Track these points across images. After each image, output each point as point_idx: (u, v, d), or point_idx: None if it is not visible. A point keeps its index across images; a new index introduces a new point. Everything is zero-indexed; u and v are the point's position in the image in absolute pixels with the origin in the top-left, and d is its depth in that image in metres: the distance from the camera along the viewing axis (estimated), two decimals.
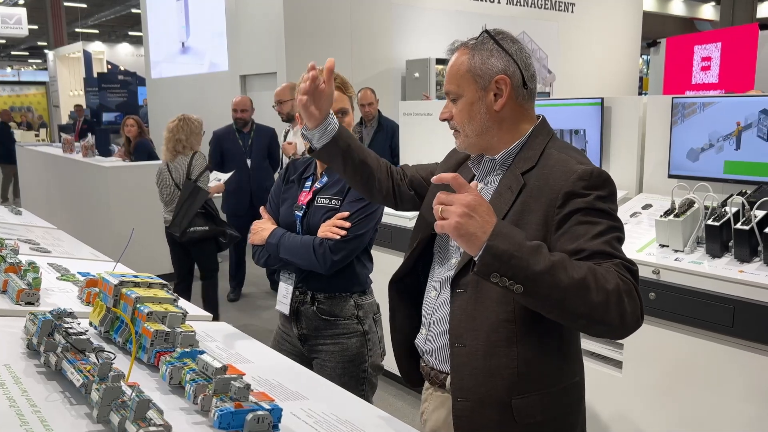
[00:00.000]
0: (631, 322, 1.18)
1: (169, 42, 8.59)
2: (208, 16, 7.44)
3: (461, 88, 1.39)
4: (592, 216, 1.25)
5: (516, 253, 1.11)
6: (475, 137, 1.41)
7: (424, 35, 6.86)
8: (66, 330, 1.18)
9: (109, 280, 1.39)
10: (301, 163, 2.17)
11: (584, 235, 1.23)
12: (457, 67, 1.39)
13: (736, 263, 2.24)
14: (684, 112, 2.79)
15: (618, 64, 8.85)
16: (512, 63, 1.37)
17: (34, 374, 1.14)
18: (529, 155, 1.38)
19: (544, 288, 1.13)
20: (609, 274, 1.16)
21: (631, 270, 1.22)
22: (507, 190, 1.36)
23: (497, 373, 1.34)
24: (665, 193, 2.88)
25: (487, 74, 1.36)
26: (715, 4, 18.55)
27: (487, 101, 1.37)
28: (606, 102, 3.12)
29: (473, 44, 1.39)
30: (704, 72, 8.31)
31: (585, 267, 1.16)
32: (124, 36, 25.08)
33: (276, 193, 2.17)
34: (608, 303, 1.14)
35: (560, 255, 1.17)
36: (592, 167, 1.30)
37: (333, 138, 1.51)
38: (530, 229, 1.29)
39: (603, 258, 1.21)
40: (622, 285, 1.16)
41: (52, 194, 7.22)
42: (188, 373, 1.13)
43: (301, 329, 2.06)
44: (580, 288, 1.12)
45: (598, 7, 8.58)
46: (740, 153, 2.63)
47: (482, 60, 1.36)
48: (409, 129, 4.27)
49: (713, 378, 2.26)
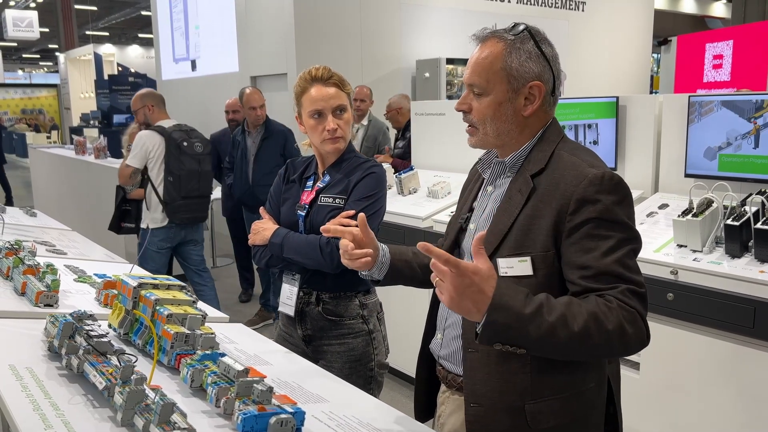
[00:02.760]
0: (635, 347, 1.21)
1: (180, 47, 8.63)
2: (218, 17, 7.46)
3: (491, 84, 1.33)
4: (603, 228, 1.23)
5: (514, 325, 1.13)
6: (495, 137, 1.37)
7: (434, 35, 6.84)
8: (87, 332, 1.18)
9: (128, 282, 1.39)
10: (301, 162, 2.16)
11: (594, 250, 1.22)
12: (490, 60, 1.32)
13: (757, 263, 2.21)
14: (701, 110, 2.76)
15: (629, 63, 8.79)
16: (548, 69, 1.33)
17: (56, 377, 1.14)
18: (539, 157, 1.35)
19: (547, 348, 1.17)
20: (611, 312, 1.16)
21: (637, 294, 1.20)
22: (517, 193, 1.34)
23: (510, 378, 1.32)
24: (682, 192, 2.85)
25: (522, 77, 1.31)
26: (727, 2, 18.40)
27: (517, 104, 1.33)
28: (621, 101, 3.09)
29: (511, 39, 1.33)
30: (716, 70, 8.24)
31: (586, 313, 1.15)
32: (134, 38, 25.23)
33: (276, 193, 2.16)
34: (610, 342, 1.16)
35: (560, 309, 1.15)
36: (603, 171, 1.26)
37: (390, 266, 1.52)
38: (540, 234, 1.27)
39: (609, 281, 1.20)
40: (624, 318, 1.16)
41: (64, 196, 7.26)
42: (209, 375, 1.13)
43: (305, 330, 2.05)
44: (583, 339, 1.15)
45: (609, 6, 8.53)
46: (759, 151, 2.60)
47: (520, 61, 1.31)
48: (421, 129, 4.26)
49: (732, 379, 2.23)
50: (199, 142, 4.11)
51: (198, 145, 4.08)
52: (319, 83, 1.98)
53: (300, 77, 2.02)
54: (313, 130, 2.00)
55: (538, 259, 1.28)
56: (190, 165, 4.02)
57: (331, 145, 2.00)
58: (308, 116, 1.99)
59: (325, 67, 2.02)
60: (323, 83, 1.98)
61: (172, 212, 3.98)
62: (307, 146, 2.16)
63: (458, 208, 1.56)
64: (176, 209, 3.98)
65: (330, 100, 1.97)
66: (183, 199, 3.99)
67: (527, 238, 1.29)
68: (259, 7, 6.61)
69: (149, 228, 4.00)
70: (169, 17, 8.93)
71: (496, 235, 1.34)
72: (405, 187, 3.61)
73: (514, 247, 1.31)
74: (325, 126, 1.96)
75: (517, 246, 1.30)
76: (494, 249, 1.34)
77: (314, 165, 2.12)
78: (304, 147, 2.18)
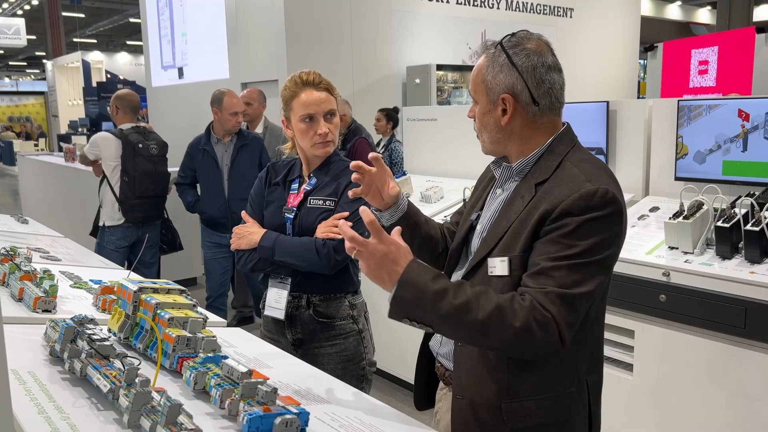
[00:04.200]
0: (546, 351, 1.24)
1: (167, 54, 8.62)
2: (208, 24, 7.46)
3: (477, 95, 1.40)
4: (572, 237, 1.23)
5: (419, 302, 1.20)
6: (490, 144, 1.43)
7: (424, 41, 6.88)
8: (89, 336, 1.18)
9: (128, 287, 1.39)
10: (283, 165, 2.16)
11: (550, 253, 1.24)
12: (475, 73, 1.40)
13: (747, 264, 2.25)
14: (690, 114, 2.81)
15: (617, 69, 8.89)
16: (520, 80, 1.33)
17: (58, 381, 1.14)
18: (546, 166, 1.36)
19: (449, 330, 1.25)
20: (521, 310, 1.19)
21: (565, 299, 1.20)
22: (519, 199, 1.36)
23: (489, 375, 1.35)
24: (672, 195, 2.89)
25: (495, 89, 1.35)
26: (712, 8, 18.64)
27: (495, 115, 1.37)
28: (611, 105, 3.13)
29: (491, 53, 1.37)
30: (702, 76, 8.33)
31: (493, 304, 1.19)
32: (122, 45, 25.14)
33: (257, 196, 2.15)
34: (516, 338, 1.19)
35: (468, 295, 1.20)
36: (598, 186, 1.25)
37: (401, 217, 1.55)
38: (523, 236, 1.30)
39: (544, 279, 1.22)
40: (534, 320, 1.18)
41: (54, 203, 7.21)
42: (213, 378, 1.13)
43: (296, 334, 2.05)
44: (485, 328, 1.19)
45: (597, 12, 8.63)
46: (747, 155, 2.64)
47: (493, 74, 1.35)
48: (413, 134, 4.29)
49: (725, 379, 2.26)
50: (155, 144, 4.31)
51: (153, 147, 4.28)
52: (309, 87, 1.99)
53: (289, 81, 2.03)
54: (303, 134, 2.01)
55: (515, 260, 1.31)
56: (145, 166, 4.24)
57: (322, 149, 2.01)
58: (299, 120, 1.99)
59: (315, 72, 2.03)
60: (314, 87, 2.00)
61: (128, 211, 4.21)
62: (289, 150, 2.17)
63: (470, 204, 1.58)
64: (131, 208, 4.21)
65: (321, 104, 1.99)
66: (138, 199, 4.23)
67: (514, 241, 1.33)
68: (249, 14, 6.62)
69: (105, 226, 4.25)
70: (158, 24, 8.92)
71: (493, 238, 1.37)
72: None
73: (504, 249, 1.34)
74: (317, 130, 1.98)
75: (506, 248, 1.34)
76: (490, 249, 1.36)
77: (298, 168, 2.12)
78: (286, 150, 2.18)
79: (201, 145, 4.19)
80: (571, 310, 1.21)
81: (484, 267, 1.37)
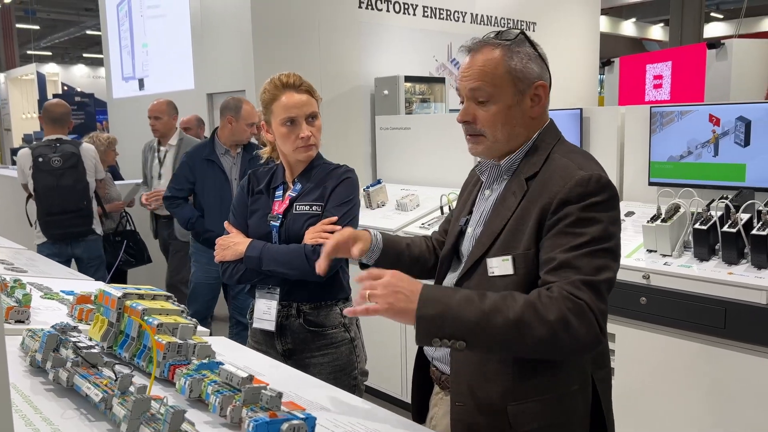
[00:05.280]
0: (585, 342, 1.18)
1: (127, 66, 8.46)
2: (171, 34, 7.34)
3: (498, 89, 1.32)
4: (579, 226, 1.23)
5: (446, 314, 1.15)
6: (505, 143, 1.37)
7: (393, 53, 6.90)
8: (75, 344, 1.11)
9: (111, 293, 1.32)
10: (264, 172, 2.10)
11: (563, 245, 1.22)
12: (492, 66, 1.32)
13: (725, 266, 2.28)
14: (662, 120, 2.86)
15: (578, 82, 9.07)
16: (546, 69, 1.36)
17: (42, 392, 1.06)
18: (534, 160, 1.35)
19: (484, 337, 1.16)
20: (552, 302, 1.15)
21: (592, 286, 1.18)
22: (511, 196, 1.35)
23: (492, 378, 1.32)
24: (646, 200, 2.94)
25: (527, 78, 1.32)
26: (664, 25, 19.28)
27: (524, 107, 1.34)
28: (585, 112, 3.17)
29: (508, 44, 1.34)
30: (656, 89, 8.58)
31: (522, 302, 1.16)
32: (79, 58, 24.55)
33: (240, 205, 2.09)
34: (555, 333, 1.14)
35: (494, 298, 1.17)
36: (591, 173, 1.27)
37: (382, 253, 1.53)
38: (525, 233, 1.29)
39: (565, 274, 1.19)
40: (568, 309, 1.15)
41: (10, 217, 6.94)
42: (210, 384, 1.07)
43: (286, 345, 1.99)
44: (520, 326, 1.14)
45: (558, 27, 8.81)
46: (718, 159, 2.70)
47: (522, 63, 1.32)
48: (385, 143, 4.27)
49: (705, 380, 2.28)
50: (59, 156, 4.00)
51: (56, 160, 4.01)
52: (290, 90, 1.94)
53: (269, 84, 1.97)
54: (285, 138, 1.95)
55: (519, 258, 1.29)
56: (46, 181, 3.99)
57: (304, 153, 1.97)
58: (280, 124, 1.94)
59: (295, 74, 1.98)
60: (295, 90, 1.95)
61: (45, 228, 4.00)
62: (267, 154, 2.11)
63: (457, 210, 1.56)
64: (46, 225, 3.99)
65: (303, 107, 1.94)
66: (49, 216, 3.98)
67: (514, 239, 1.31)
68: (215, 23, 6.54)
69: (35, 244, 4.04)
70: (118, 35, 8.76)
71: (489, 237, 1.35)
72: (373, 200, 3.60)
73: (503, 247, 1.32)
74: (299, 134, 1.93)
75: (504, 247, 1.32)
76: (486, 249, 1.34)
77: (281, 174, 2.06)
78: (263, 155, 2.13)
79: (205, 156, 3.72)
80: (600, 298, 1.19)
81: (481, 268, 1.35)
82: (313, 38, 6.24)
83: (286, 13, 6.09)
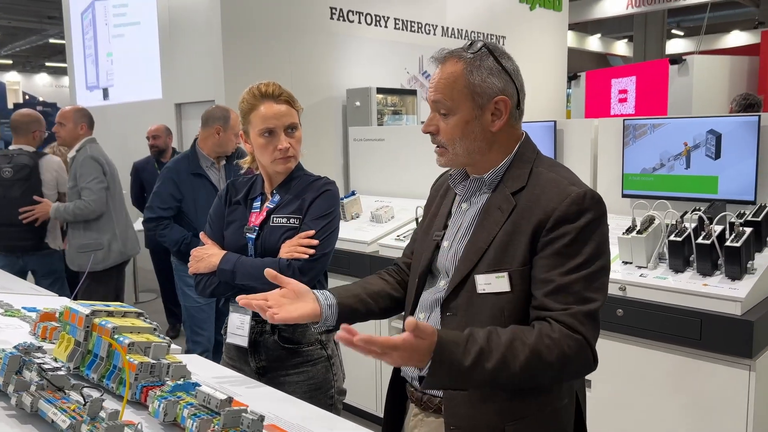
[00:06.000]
0: (580, 373, 1.26)
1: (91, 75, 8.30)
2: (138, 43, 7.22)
3: (456, 103, 1.32)
4: (576, 245, 1.24)
5: (456, 378, 1.15)
6: (465, 156, 1.36)
7: (365, 65, 6.90)
8: (39, 366, 1.04)
9: (78, 310, 1.25)
10: (243, 182, 2.05)
11: (560, 266, 1.23)
12: (453, 79, 1.32)
13: (699, 277, 2.30)
14: (635, 133, 2.89)
15: (547, 95, 9.21)
16: (510, 83, 1.33)
17: (4, 417, 0.99)
18: (518, 174, 1.34)
19: (486, 388, 1.24)
20: (554, 344, 1.17)
21: (591, 316, 1.22)
22: (496, 210, 1.33)
23: (490, 398, 1.30)
24: (620, 212, 2.96)
25: (486, 93, 1.31)
26: (628, 41, 19.75)
27: (484, 121, 1.32)
28: (558, 125, 3.19)
29: (470, 58, 1.32)
30: (621, 104, 8.79)
31: (528, 350, 1.16)
32: (42, 66, 24.02)
33: (217, 216, 2.03)
34: (553, 373, 1.20)
35: (501, 350, 1.16)
36: (585, 189, 1.28)
37: (339, 313, 1.45)
38: (519, 249, 1.27)
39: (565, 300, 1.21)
40: (568, 348, 1.18)
41: None
42: (186, 407, 1.02)
43: (259, 362, 1.93)
44: (524, 377, 1.18)
45: (527, 41, 8.94)
46: (690, 171, 2.73)
47: (482, 77, 1.30)
48: (359, 155, 4.24)
49: (683, 392, 2.29)
50: (11, 167, 3.88)
51: (7, 171, 3.88)
52: (269, 100, 1.89)
53: (247, 93, 1.92)
54: (263, 149, 1.90)
55: (515, 275, 1.28)
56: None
57: (283, 165, 1.92)
58: (258, 135, 1.89)
59: (275, 83, 1.93)
60: (274, 100, 1.89)
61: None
62: (247, 164, 2.06)
63: (426, 224, 1.52)
64: None
65: (282, 117, 1.89)
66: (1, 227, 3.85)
67: (506, 254, 1.29)
68: (185, 32, 6.45)
69: None
70: (82, 44, 8.59)
71: (475, 252, 1.33)
72: (347, 212, 3.56)
73: (493, 263, 1.29)
74: (277, 145, 1.88)
75: (495, 262, 1.29)
76: (473, 266, 1.31)
77: (260, 185, 2.01)
78: (244, 165, 2.08)
79: (191, 170, 3.37)
80: (596, 326, 1.24)
81: (469, 285, 1.32)
82: (284, 48, 6.21)
83: (257, 23, 6.04)
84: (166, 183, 3.35)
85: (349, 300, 1.47)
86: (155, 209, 3.33)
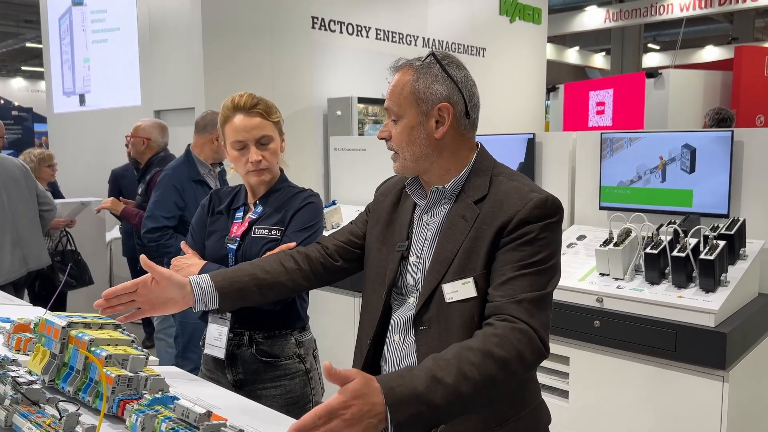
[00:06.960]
0: (536, 362, 1.23)
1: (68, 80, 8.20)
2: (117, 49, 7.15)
3: (402, 109, 1.36)
4: (534, 244, 1.27)
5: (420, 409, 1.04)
6: (413, 162, 1.38)
7: (346, 74, 6.91)
8: (14, 379, 1.02)
9: (54, 322, 1.23)
10: (227, 192, 2.04)
11: (515, 261, 1.26)
12: (400, 86, 1.36)
13: (674, 289, 2.34)
14: (612, 146, 2.93)
15: (526, 105, 9.31)
16: (456, 91, 1.35)
17: None
18: (479, 183, 1.37)
19: (459, 409, 1.11)
20: (503, 342, 1.16)
21: (534, 301, 1.22)
22: (460, 220, 1.35)
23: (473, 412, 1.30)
24: (597, 224, 3.00)
25: (430, 99, 1.34)
26: (606, 54, 20.07)
27: (428, 127, 1.35)
28: (537, 137, 3.23)
29: (419, 66, 1.36)
30: (599, 116, 8.92)
31: (479, 354, 1.13)
32: (17, 71, 23.66)
33: (199, 225, 2.02)
34: (512, 370, 1.17)
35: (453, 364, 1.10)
36: (546, 195, 1.32)
37: (220, 296, 1.44)
38: (481, 254, 1.30)
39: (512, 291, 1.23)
40: (519, 342, 1.17)
41: None
42: (164, 421, 1.01)
43: (236, 374, 1.91)
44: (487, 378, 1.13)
45: (507, 53, 9.03)
46: (666, 184, 2.78)
47: (426, 84, 1.34)
48: (340, 164, 4.24)
49: (658, 402, 2.31)
50: None
51: None
52: (241, 112, 1.89)
53: (223, 105, 1.93)
54: (236, 161, 1.91)
55: (480, 279, 1.30)
56: None
57: (256, 178, 1.91)
58: (231, 147, 1.90)
59: (250, 95, 1.93)
60: (246, 113, 1.89)
61: None
62: (233, 170, 2.06)
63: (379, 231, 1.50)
64: None
65: (252, 130, 1.88)
66: None
67: (470, 261, 1.31)
68: (165, 38, 6.41)
69: None
70: (59, 49, 8.49)
71: (442, 263, 1.34)
72: (328, 221, 3.55)
73: (458, 271, 1.32)
74: (248, 158, 1.88)
75: (460, 270, 1.31)
76: (441, 276, 1.33)
77: (243, 195, 2.01)
78: (233, 171, 2.08)
79: (192, 177, 3.22)
80: (543, 313, 1.24)
81: (438, 296, 1.33)
82: (265, 57, 6.19)
83: (238, 31, 6.02)
84: (169, 191, 3.16)
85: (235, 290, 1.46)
86: (158, 218, 3.12)
